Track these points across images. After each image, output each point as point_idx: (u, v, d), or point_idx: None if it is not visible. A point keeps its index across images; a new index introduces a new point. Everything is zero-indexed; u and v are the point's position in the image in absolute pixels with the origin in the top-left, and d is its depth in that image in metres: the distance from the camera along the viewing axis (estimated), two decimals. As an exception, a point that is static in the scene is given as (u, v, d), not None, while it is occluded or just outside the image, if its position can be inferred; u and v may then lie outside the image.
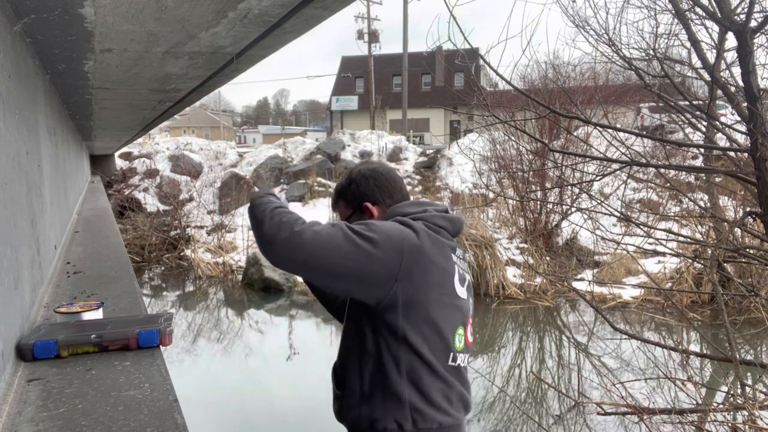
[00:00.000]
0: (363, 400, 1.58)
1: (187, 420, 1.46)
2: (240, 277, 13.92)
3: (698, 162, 10.10)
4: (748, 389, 4.46)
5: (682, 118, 5.28)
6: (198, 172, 19.87)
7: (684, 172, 10.79)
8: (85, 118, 6.47)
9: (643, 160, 5.08)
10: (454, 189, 17.42)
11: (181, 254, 15.67)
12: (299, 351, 9.82)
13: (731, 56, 4.82)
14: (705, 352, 6.86)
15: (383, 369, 1.56)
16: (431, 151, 20.94)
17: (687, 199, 8.59)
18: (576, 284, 10.43)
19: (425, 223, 1.62)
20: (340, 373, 1.68)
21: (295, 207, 17.43)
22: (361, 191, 1.78)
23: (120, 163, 20.32)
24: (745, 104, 4.09)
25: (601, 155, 5.18)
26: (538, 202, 12.96)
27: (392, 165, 19.69)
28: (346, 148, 20.63)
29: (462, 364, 1.63)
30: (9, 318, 1.83)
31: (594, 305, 5.09)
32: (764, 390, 4.85)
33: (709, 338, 7.63)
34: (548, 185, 12.43)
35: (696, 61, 5.32)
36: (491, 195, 14.18)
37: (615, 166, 5.04)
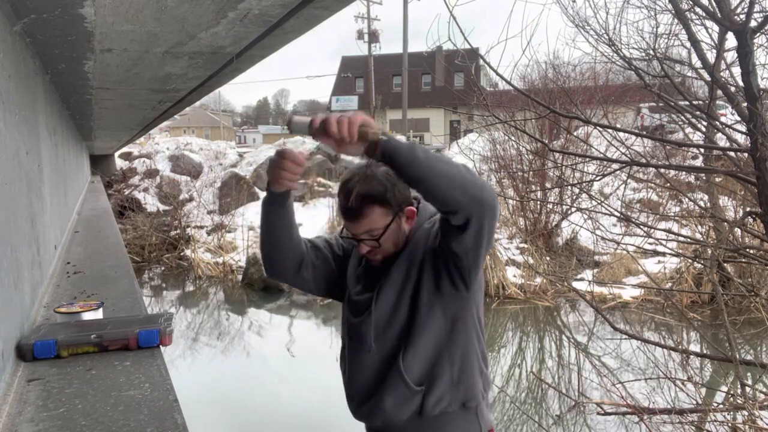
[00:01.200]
0: (452, 386, 1.65)
1: (187, 420, 1.46)
2: (240, 277, 13.92)
3: (698, 162, 10.09)
4: (748, 389, 4.46)
5: (682, 118, 5.28)
6: (198, 172, 19.87)
7: (684, 172, 10.79)
8: (85, 118, 6.47)
9: (643, 160, 5.08)
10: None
11: (181, 254, 15.68)
12: (299, 351, 9.82)
13: (731, 56, 4.82)
14: (705, 352, 6.86)
15: (471, 351, 1.67)
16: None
17: (687, 199, 8.59)
18: (576, 284, 10.42)
19: None
20: (422, 368, 1.64)
21: (295, 207, 17.41)
22: (404, 194, 1.68)
23: (120, 163, 20.32)
24: (745, 104, 4.09)
25: (601, 155, 5.18)
26: (538, 202, 12.96)
27: (392, 165, 19.69)
28: (346, 148, 20.61)
29: None
30: (9, 318, 1.83)
31: (594, 305, 5.09)
32: (764, 390, 4.85)
33: (709, 338, 7.63)
34: (548, 185, 12.43)
35: (696, 61, 5.33)
36: (491, 195, 14.14)
37: (615, 166, 5.05)
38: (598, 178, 5.73)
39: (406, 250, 1.68)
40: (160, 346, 1.98)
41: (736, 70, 4.50)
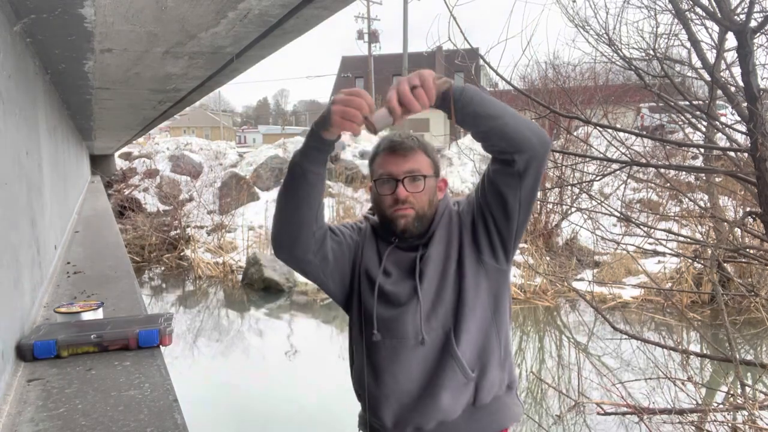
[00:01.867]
0: (500, 368, 1.59)
1: (187, 420, 1.46)
2: (240, 277, 13.91)
3: (698, 162, 10.09)
4: (748, 389, 4.46)
5: (682, 118, 5.28)
6: (198, 172, 19.87)
7: (684, 172, 10.79)
8: (85, 118, 6.47)
9: (643, 160, 5.08)
10: (454, 189, 17.42)
11: (181, 254, 15.67)
12: (299, 351, 9.81)
13: (731, 56, 4.82)
14: (705, 352, 6.85)
15: (509, 330, 1.64)
16: (431, 151, 20.91)
17: (687, 199, 8.58)
18: (576, 284, 10.42)
19: None
20: (474, 351, 1.55)
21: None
22: (439, 165, 1.70)
23: (120, 163, 20.32)
24: (745, 104, 4.09)
25: (601, 155, 5.18)
26: (538, 202, 12.96)
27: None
28: (346, 148, 20.63)
29: None
30: (9, 318, 1.83)
31: (594, 305, 5.09)
32: (764, 390, 4.85)
33: (709, 338, 7.62)
34: (548, 185, 12.42)
35: (696, 61, 5.33)
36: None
37: (615, 166, 5.04)
38: (598, 178, 5.73)
39: (439, 230, 1.60)
40: (160, 346, 1.98)
41: (736, 70, 4.50)
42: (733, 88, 4.60)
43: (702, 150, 8.04)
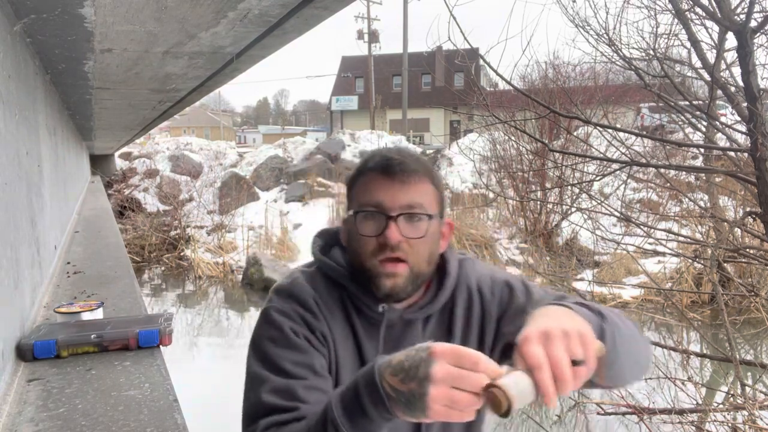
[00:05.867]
0: None
1: (187, 420, 1.46)
2: (240, 277, 13.91)
3: (698, 162, 10.09)
4: (748, 389, 4.46)
5: (682, 118, 5.29)
6: (198, 172, 19.87)
7: (684, 172, 10.78)
8: (85, 118, 6.47)
9: (643, 160, 5.08)
10: (454, 189, 17.42)
11: (181, 254, 15.68)
12: (299, 351, 9.81)
13: (731, 56, 4.82)
14: (705, 352, 6.85)
15: None
16: (431, 151, 20.94)
17: (687, 199, 8.58)
18: (576, 284, 10.42)
19: None
20: None
21: (295, 207, 17.46)
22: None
23: (120, 163, 20.32)
24: (745, 104, 4.09)
25: (601, 155, 5.18)
26: (538, 202, 12.96)
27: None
28: (346, 148, 20.63)
29: None
30: (9, 318, 1.83)
31: (594, 305, 5.08)
32: (764, 390, 4.85)
33: (709, 338, 7.62)
34: (548, 185, 12.43)
35: (696, 61, 5.33)
36: (491, 195, 14.19)
37: (615, 166, 5.04)
38: (598, 178, 5.73)
39: (458, 310, 1.14)
40: (160, 346, 1.98)
41: (736, 70, 4.50)
42: (733, 88, 4.61)
43: (702, 150, 8.04)
